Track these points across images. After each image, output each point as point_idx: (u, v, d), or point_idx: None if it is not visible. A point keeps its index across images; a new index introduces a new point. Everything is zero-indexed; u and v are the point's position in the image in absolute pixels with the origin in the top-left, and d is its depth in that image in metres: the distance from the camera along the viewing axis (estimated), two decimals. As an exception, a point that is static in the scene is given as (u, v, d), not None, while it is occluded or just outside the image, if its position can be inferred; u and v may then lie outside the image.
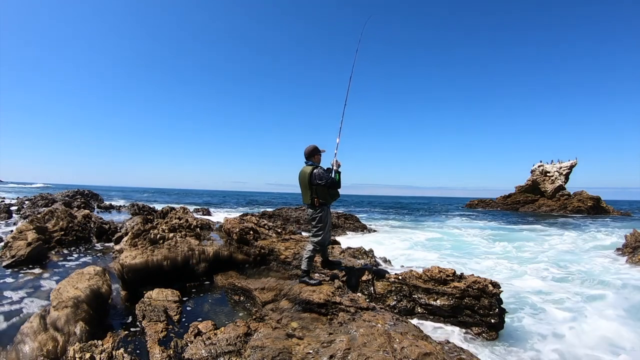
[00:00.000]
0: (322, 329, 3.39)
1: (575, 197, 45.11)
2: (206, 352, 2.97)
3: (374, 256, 6.99)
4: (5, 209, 13.80)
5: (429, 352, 2.84)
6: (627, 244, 10.44)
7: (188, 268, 5.23)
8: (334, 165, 4.52)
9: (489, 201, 57.29)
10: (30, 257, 5.99)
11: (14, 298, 4.40)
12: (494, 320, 4.32)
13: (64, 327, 3.21)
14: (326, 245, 4.79)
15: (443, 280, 4.56)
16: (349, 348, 2.93)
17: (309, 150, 4.52)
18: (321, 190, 4.35)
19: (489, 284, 4.45)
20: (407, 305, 4.55)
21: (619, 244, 11.31)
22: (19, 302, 4.28)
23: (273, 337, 3.18)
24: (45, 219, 8.64)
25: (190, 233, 6.33)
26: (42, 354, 2.90)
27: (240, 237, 6.22)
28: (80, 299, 3.55)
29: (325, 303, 3.76)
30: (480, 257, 10.96)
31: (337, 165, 4.51)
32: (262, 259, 5.78)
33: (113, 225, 9.27)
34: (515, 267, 9.58)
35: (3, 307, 4.10)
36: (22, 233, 6.84)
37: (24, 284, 4.96)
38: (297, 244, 6.13)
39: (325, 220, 4.47)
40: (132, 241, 5.76)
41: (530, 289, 6.93)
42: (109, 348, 2.93)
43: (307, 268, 4.38)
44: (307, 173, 4.35)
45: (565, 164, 49.69)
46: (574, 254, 11.81)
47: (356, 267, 5.05)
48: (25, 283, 4.98)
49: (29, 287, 4.82)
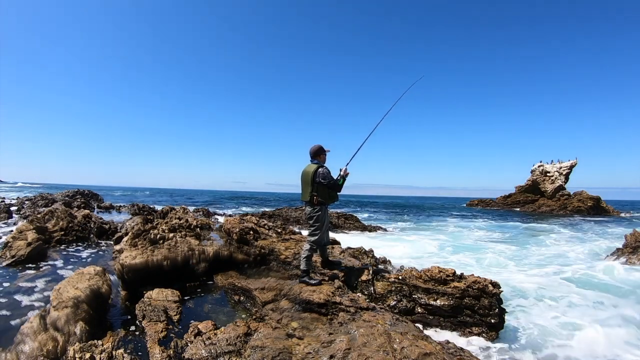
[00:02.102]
0: (322, 329, 3.39)
1: (575, 197, 45.11)
2: (206, 352, 2.97)
3: (374, 256, 6.98)
4: (5, 209, 13.79)
5: (429, 352, 2.84)
6: (627, 244, 10.43)
7: (188, 268, 5.23)
8: (342, 171, 4.55)
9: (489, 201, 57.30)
10: (31, 257, 6.00)
11: (14, 298, 4.40)
12: (494, 320, 4.32)
13: (64, 327, 3.21)
14: (324, 245, 4.78)
15: (443, 280, 4.56)
16: (349, 348, 2.93)
17: (314, 149, 4.53)
18: (322, 189, 4.35)
19: (489, 284, 4.45)
20: (407, 305, 4.55)
21: (618, 244, 11.31)
22: (19, 302, 4.28)
23: (273, 337, 3.18)
24: (45, 219, 8.64)
25: (190, 233, 6.33)
26: (42, 354, 2.90)
27: (240, 237, 6.22)
28: (80, 299, 3.55)
29: (326, 303, 3.76)
30: (480, 257, 10.96)
31: (345, 173, 4.55)
32: (262, 259, 5.78)
33: (113, 225, 9.27)
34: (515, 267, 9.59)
35: (3, 307, 4.10)
36: (22, 233, 6.84)
37: (24, 284, 4.96)
38: (297, 244, 6.13)
39: (322, 220, 4.47)
40: (132, 241, 5.76)
41: (530, 289, 6.93)
42: (109, 348, 2.93)
43: (306, 268, 4.37)
44: (312, 170, 4.36)
45: (565, 164, 49.70)
46: (573, 255, 11.81)
47: (356, 267, 5.05)
48: (25, 283, 4.98)
49: (29, 287, 4.82)
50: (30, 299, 4.41)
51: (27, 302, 4.32)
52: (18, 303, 4.26)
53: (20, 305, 4.19)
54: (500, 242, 14.88)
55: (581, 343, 4.56)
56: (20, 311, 4.04)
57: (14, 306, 4.16)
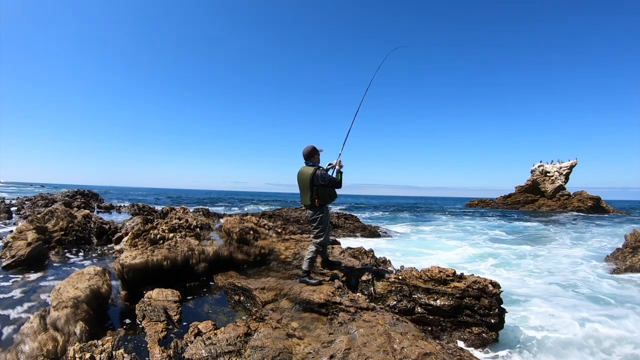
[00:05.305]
0: (322, 329, 3.39)
1: (575, 197, 45.14)
2: (206, 352, 2.97)
3: (374, 256, 6.98)
4: (5, 209, 13.79)
5: (429, 352, 2.84)
6: (627, 244, 10.43)
7: (188, 268, 5.23)
8: (337, 164, 4.51)
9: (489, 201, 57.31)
10: (30, 257, 5.99)
11: (14, 298, 4.40)
12: (494, 320, 4.32)
13: (64, 327, 3.21)
14: (326, 245, 4.80)
15: (443, 280, 4.56)
16: (349, 348, 2.93)
17: (307, 150, 4.50)
18: (322, 191, 4.35)
19: (489, 284, 4.45)
20: (407, 305, 4.54)
21: (618, 244, 11.31)
22: (19, 302, 4.28)
23: (273, 337, 3.18)
24: (45, 219, 8.64)
25: (190, 233, 6.33)
26: (42, 354, 2.90)
27: (240, 237, 6.22)
28: (80, 299, 3.55)
29: (326, 303, 3.76)
30: (480, 257, 10.96)
31: (340, 165, 4.52)
32: (262, 259, 5.78)
33: (113, 225, 9.27)
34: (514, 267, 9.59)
35: (3, 307, 4.10)
36: (22, 233, 6.84)
37: (24, 284, 4.96)
38: (297, 244, 6.13)
39: (325, 221, 4.48)
40: (132, 241, 5.76)
41: (530, 289, 6.93)
42: (109, 348, 2.93)
43: (308, 268, 4.38)
44: (309, 174, 4.32)
45: (565, 164, 49.71)
46: (573, 255, 11.81)
47: (356, 267, 5.05)
48: (25, 283, 4.98)
49: (29, 287, 4.82)
50: (30, 299, 4.41)
51: (27, 302, 4.32)
52: (18, 303, 4.26)
53: (20, 305, 4.19)
54: (500, 242, 14.88)
55: (581, 343, 4.57)
56: (20, 311, 4.04)
57: (14, 306, 4.15)
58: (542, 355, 4.26)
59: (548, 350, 4.37)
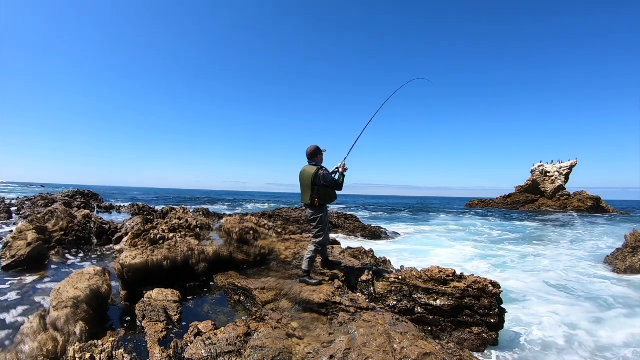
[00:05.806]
0: (322, 328, 3.39)
1: (575, 197, 45.16)
2: (206, 352, 2.97)
3: (374, 256, 6.98)
4: (5, 209, 13.79)
5: (429, 352, 2.84)
6: (627, 244, 10.43)
7: (188, 268, 5.23)
8: (341, 167, 4.54)
9: (489, 201, 57.31)
10: (30, 257, 5.99)
11: (14, 298, 4.40)
12: (493, 320, 4.31)
13: (64, 327, 3.21)
14: (326, 245, 4.81)
15: (443, 280, 4.55)
16: (349, 348, 2.93)
17: (311, 150, 4.50)
18: (323, 191, 4.35)
19: (489, 284, 4.45)
20: (407, 305, 4.54)
21: (618, 244, 11.31)
22: (19, 302, 4.28)
23: (273, 337, 3.18)
24: (45, 219, 8.64)
25: (190, 233, 6.33)
26: (42, 354, 2.90)
27: (240, 237, 6.22)
28: (80, 299, 3.55)
29: (326, 303, 3.76)
30: (480, 257, 10.96)
31: (344, 168, 4.54)
32: (262, 259, 5.78)
33: (113, 226, 9.27)
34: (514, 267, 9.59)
35: (2, 307, 4.10)
36: (22, 233, 6.83)
37: (24, 284, 4.96)
38: (297, 244, 6.13)
39: (325, 221, 4.49)
40: (132, 241, 5.75)
41: (530, 289, 6.93)
42: (109, 348, 2.93)
43: (308, 268, 4.38)
44: (312, 173, 4.33)
45: (565, 164, 49.73)
46: (573, 255, 11.81)
47: (356, 267, 5.05)
48: (25, 283, 4.98)
49: (29, 287, 4.82)
50: (30, 299, 4.41)
51: (27, 302, 4.32)
52: (18, 303, 4.26)
53: (20, 306, 4.19)
54: (500, 242, 14.89)
55: (581, 343, 4.57)
56: (20, 311, 4.04)
57: (14, 306, 4.15)
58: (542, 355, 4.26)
59: (548, 350, 4.38)
